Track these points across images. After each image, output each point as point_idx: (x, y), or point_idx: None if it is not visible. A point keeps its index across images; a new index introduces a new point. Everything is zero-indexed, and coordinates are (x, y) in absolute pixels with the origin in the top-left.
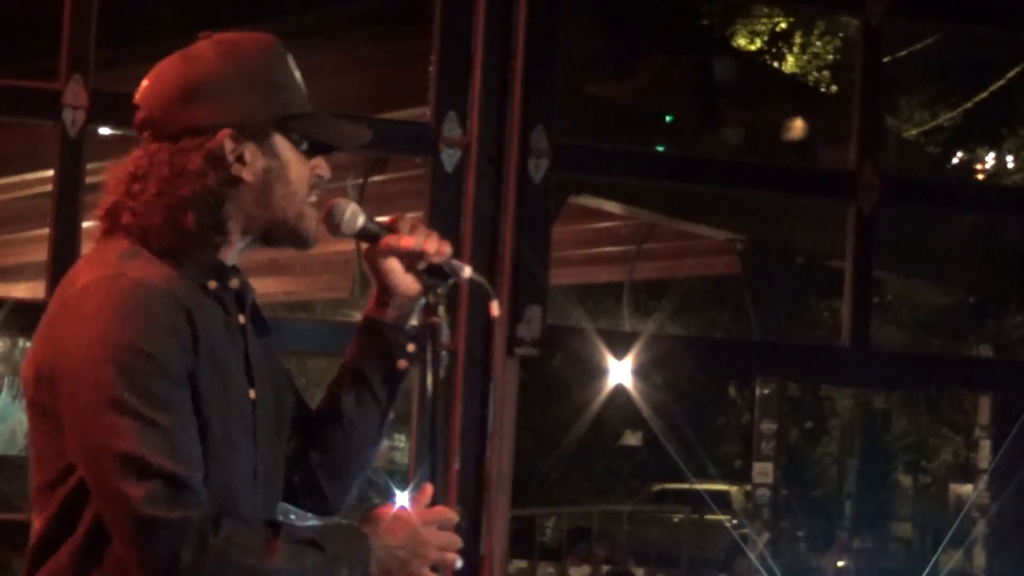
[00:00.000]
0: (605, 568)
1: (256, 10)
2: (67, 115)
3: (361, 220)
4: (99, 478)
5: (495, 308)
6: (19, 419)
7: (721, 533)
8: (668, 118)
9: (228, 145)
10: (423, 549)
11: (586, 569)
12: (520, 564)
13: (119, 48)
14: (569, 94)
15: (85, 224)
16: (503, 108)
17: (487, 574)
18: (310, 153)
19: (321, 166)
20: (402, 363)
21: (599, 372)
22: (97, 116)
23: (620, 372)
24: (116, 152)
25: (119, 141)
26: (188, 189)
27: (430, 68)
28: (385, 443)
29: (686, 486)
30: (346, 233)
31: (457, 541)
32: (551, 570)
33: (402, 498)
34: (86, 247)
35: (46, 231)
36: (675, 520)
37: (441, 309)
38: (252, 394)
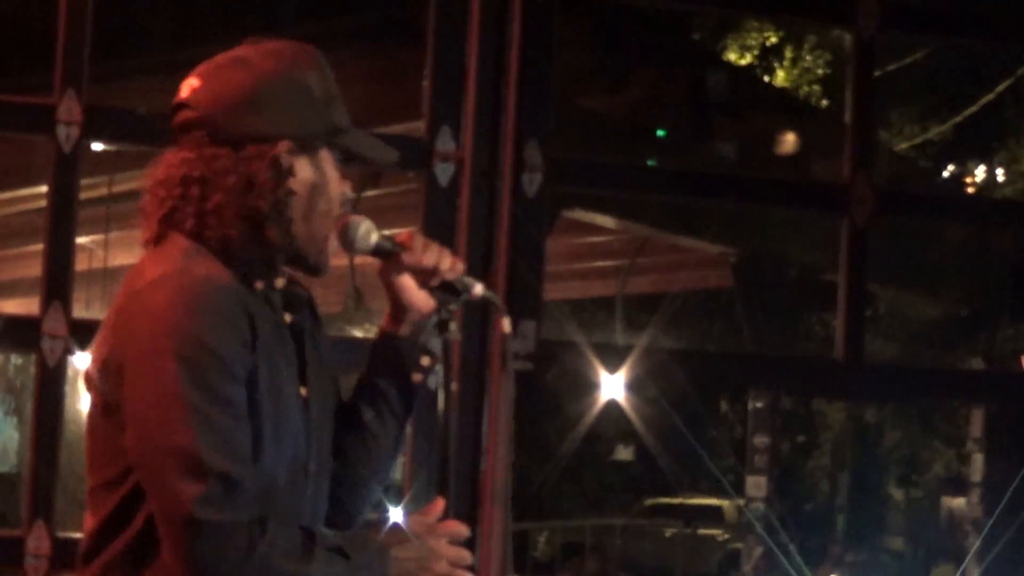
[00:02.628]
0: None
1: (250, 25)
2: (61, 130)
3: (375, 237)
4: (154, 473)
5: (506, 325)
6: (10, 436)
7: (714, 547)
8: (660, 132)
9: (285, 157)
10: (433, 562)
11: None
12: None
13: (113, 63)
14: (562, 108)
15: (79, 239)
16: (497, 122)
17: None
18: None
19: (348, 185)
20: (417, 377)
21: (592, 386)
22: (91, 131)
23: (613, 386)
24: (110, 167)
25: (113, 156)
26: (265, 202)
27: (424, 82)
28: None
29: (679, 500)
30: (360, 250)
31: (467, 556)
32: None
33: (396, 513)
34: (80, 262)
35: (40, 247)
36: (668, 534)
37: (453, 325)
38: (304, 392)
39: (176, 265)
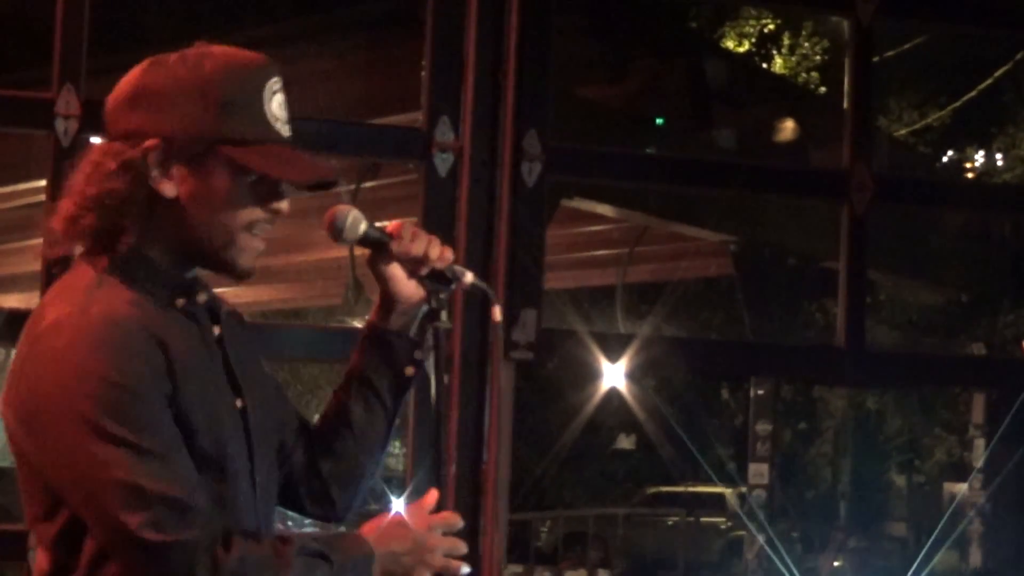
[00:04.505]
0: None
1: (248, 17)
2: (60, 124)
3: (363, 227)
4: (97, 512)
5: (497, 313)
6: None
7: (716, 535)
8: (659, 121)
9: (152, 156)
10: (427, 555)
11: (582, 573)
12: (516, 569)
13: (111, 57)
14: (560, 98)
15: None
16: (496, 112)
17: None
18: (270, 184)
19: (280, 204)
20: (409, 369)
21: (593, 375)
22: (89, 125)
23: (614, 375)
24: None
25: None
26: (95, 189)
27: (422, 73)
28: None
29: (680, 489)
30: (349, 240)
31: (462, 546)
32: (547, 574)
33: (398, 504)
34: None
35: (39, 241)
36: (670, 523)
37: (444, 314)
38: (239, 403)
39: (74, 306)
